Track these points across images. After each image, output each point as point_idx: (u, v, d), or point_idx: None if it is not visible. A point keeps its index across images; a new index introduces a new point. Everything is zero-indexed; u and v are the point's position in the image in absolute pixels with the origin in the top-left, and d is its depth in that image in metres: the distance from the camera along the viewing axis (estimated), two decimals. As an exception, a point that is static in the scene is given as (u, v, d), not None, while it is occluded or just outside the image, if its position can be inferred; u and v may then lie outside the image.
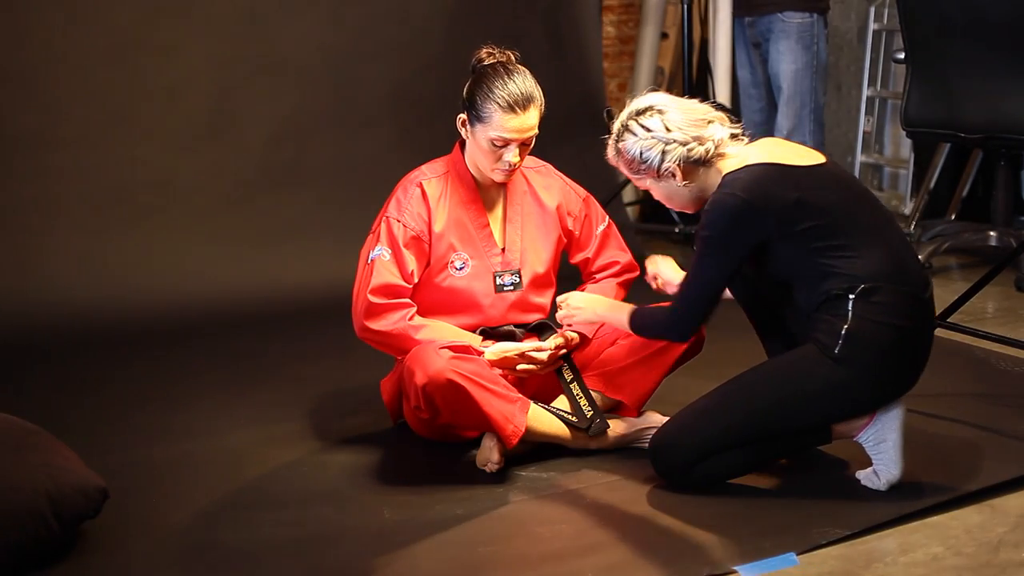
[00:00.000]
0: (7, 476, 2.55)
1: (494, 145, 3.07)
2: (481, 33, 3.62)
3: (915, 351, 2.84)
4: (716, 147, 2.89)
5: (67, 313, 4.44)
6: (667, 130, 2.89)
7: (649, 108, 2.93)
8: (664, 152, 2.89)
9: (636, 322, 3.01)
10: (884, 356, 2.78)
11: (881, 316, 2.76)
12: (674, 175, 2.90)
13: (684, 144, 2.88)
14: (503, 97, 3.03)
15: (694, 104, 2.96)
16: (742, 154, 2.91)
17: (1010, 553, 2.57)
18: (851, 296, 2.76)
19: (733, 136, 2.94)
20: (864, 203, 2.88)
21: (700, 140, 2.88)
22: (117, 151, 4.77)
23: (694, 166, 2.90)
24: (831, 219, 2.80)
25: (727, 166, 2.89)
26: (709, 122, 2.91)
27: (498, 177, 3.15)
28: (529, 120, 3.06)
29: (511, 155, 3.08)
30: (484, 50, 3.14)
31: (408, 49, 5.20)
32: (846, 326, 2.76)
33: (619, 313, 3.06)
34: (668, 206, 3.04)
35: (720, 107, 3.05)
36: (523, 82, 3.07)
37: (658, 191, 2.99)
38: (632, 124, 2.94)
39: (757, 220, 2.78)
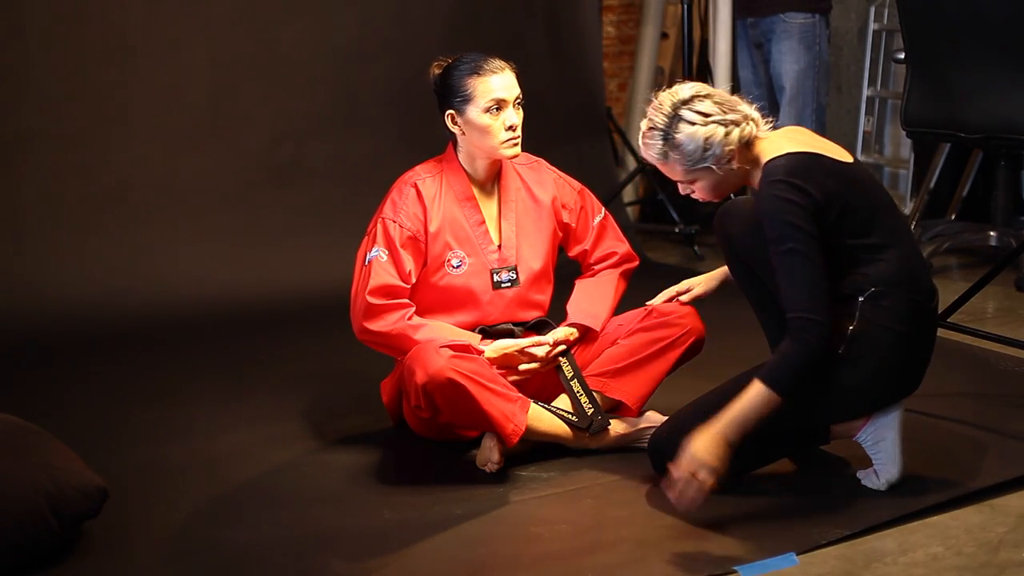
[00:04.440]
0: (7, 476, 2.55)
1: (491, 114, 3.08)
2: (481, 33, 3.64)
3: (915, 357, 2.83)
4: (757, 125, 2.78)
5: (66, 312, 4.44)
6: (723, 112, 2.74)
7: (695, 96, 2.76)
8: (727, 134, 2.73)
9: (775, 381, 2.65)
10: (885, 360, 2.77)
11: (886, 320, 2.74)
12: (731, 159, 2.76)
13: (738, 124, 2.74)
14: (478, 67, 3.10)
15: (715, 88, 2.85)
16: (776, 140, 2.81)
17: (1010, 553, 2.57)
18: (860, 298, 2.75)
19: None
20: (891, 207, 2.85)
21: (747, 118, 2.77)
22: (117, 151, 4.78)
23: (744, 147, 2.78)
24: (865, 217, 2.75)
25: (765, 150, 2.78)
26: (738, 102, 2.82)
27: (508, 150, 3.14)
28: (509, 77, 3.11)
29: (511, 117, 3.10)
30: (434, 64, 3.21)
31: (408, 49, 5.19)
32: (852, 327, 2.74)
33: (749, 398, 2.67)
34: (709, 199, 2.88)
35: None
36: (487, 55, 3.13)
37: (708, 183, 2.81)
38: (685, 113, 2.75)
39: (809, 197, 2.68)
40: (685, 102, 2.76)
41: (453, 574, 2.58)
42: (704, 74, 5.82)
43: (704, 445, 2.62)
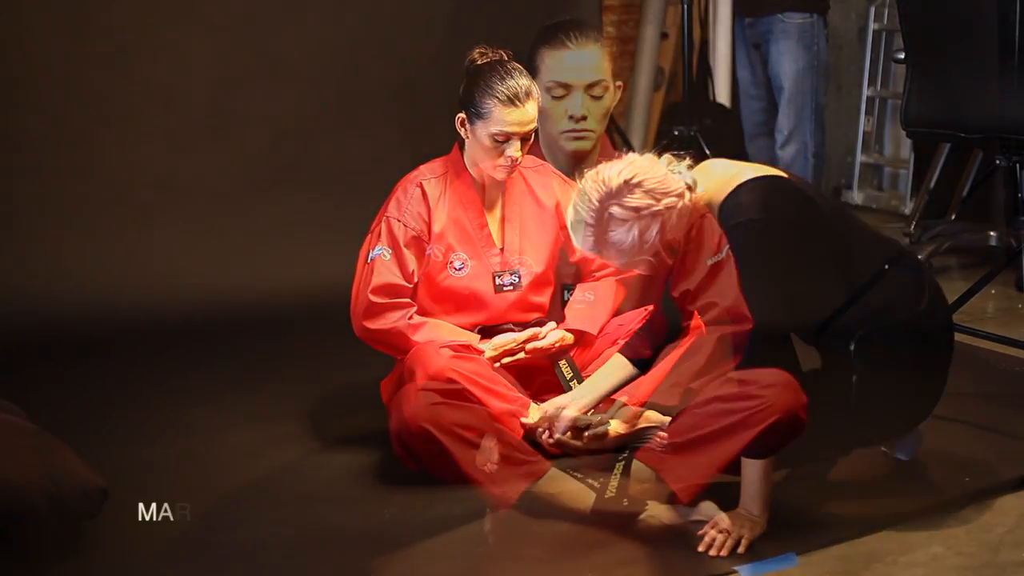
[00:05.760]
0: (7, 476, 2.55)
1: (496, 141, 3.07)
2: (481, 33, 3.62)
3: (931, 373, 2.82)
4: (693, 188, 2.59)
5: (66, 313, 4.43)
6: (656, 200, 2.55)
7: (624, 185, 2.54)
8: (664, 222, 2.55)
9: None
10: (901, 393, 2.77)
11: (886, 360, 2.71)
12: (675, 238, 2.62)
13: (675, 207, 2.55)
14: (502, 92, 3.04)
15: (643, 157, 2.64)
16: (715, 185, 2.61)
17: (1010, 553, 2.57)
18: (852, 347, 2.69)
19: (673, 160, 2.67)
20: (856, 230, 2.76)
21: (683, 191, 2.56)
22: (117, 151, 4.77)
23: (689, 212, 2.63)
24: (828, 246, 2.67)
25: (712, 198, 2.61)
26: (667, 163, 2.63)
27: (500, 175, 3.15)
28: (529, 113, 3.07)
29: (512, 150, 3.09)
30: (477, 50, 3.16)
31: (408, 49, 5.19)
32: (854, 377, 2.70)
33: (746, 475, 2.59)
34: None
35: (720, 108, 3.02)
36: (520, 77, 3.08)
37: (649, 265, 2.66)
38: (615, 210, 2.54)
39: (775, 225, 2.55)
40: (612, 195, 2.54)
41: (453, 574, 2.58)
42: (704, 74, 5.83)
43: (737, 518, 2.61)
